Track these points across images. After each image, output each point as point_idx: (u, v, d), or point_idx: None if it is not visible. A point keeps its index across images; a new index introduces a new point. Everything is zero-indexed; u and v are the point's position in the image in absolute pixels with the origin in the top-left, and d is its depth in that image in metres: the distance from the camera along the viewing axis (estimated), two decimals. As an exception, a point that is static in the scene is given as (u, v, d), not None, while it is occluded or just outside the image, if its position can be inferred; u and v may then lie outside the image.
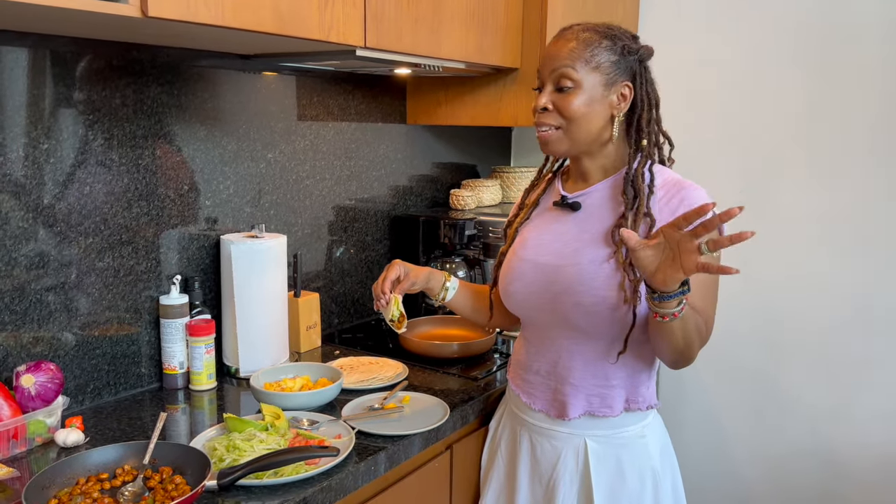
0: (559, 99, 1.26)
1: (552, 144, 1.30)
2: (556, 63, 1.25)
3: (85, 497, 1.09)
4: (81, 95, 1.42)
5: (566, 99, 1.25)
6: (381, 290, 1.41)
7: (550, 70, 1.26)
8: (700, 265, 1.01)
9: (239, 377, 1.65)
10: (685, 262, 1.03)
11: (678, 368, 1.26)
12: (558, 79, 1.25)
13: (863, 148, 2.04)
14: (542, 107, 1.27)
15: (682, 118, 2.26)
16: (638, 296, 1.22)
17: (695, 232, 1.00)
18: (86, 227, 1.45)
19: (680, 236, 1.02)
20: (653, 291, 1.10)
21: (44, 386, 1.30)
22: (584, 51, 1.25)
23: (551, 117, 1.27)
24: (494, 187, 2.38)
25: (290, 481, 1.16)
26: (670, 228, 1.03)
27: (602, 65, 1.25)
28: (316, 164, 1.95)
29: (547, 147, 1.31)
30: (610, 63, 1.25)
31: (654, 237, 1.06)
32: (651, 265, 1.06)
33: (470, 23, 1.79)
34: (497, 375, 1.68)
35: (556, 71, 1.25)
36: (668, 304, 1.10)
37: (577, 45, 1.25)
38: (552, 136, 1.28)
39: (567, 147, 1.29)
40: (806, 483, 2.21)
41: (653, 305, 1.12)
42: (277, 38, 1.36)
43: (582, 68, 1.24)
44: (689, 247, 1.01)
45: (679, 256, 1.03)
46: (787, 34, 2.10)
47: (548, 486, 1.37)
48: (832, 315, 2.13)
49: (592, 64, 1.24)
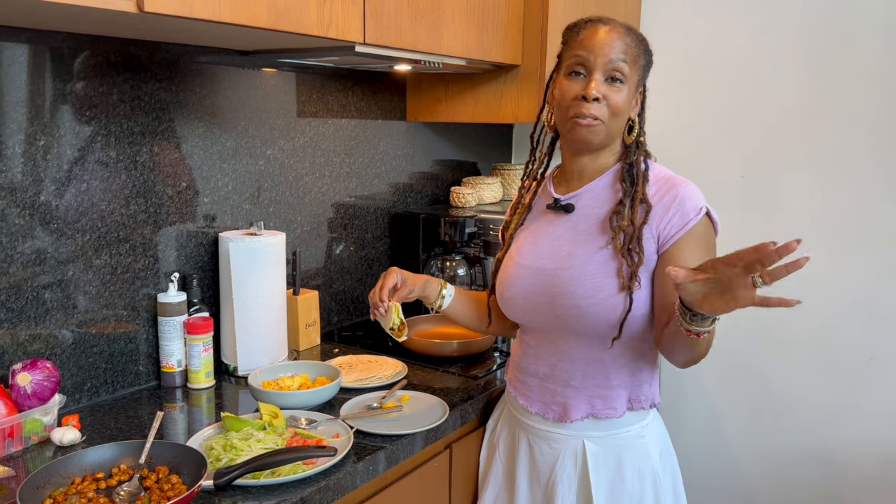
0: (610, 91, 1.23)
1: (594, 135, 1.25)
2: (614, 53, 1.22)
3: (80, 497, 1.08)
4: (78, 91, 1.41)
5: (617, 92, 1.24)
6: (379, 297, 1.38)
7: (606, 59, 1.22)
8: (759, 300, 0.96)
9: (237, 375, 1.65)
10: (740, 297, 0.97)
11: (688, 366, 1.24)
12: (612, 70, 1.23)
13: (864, 145, 2.03)
14: (594, 96, 1.22)
15: (683, 114, 2.25)
16: (636, 280, 1.22)
17: (750, 268, 0.94)
18: (83, 224, 1.44)
19: (732, 273, 0.96)
20: (692, 314, 1.05)
21: (40, 384, 1.29)
22: (636, 48, 1.25)
23: (600, 109, 1.23)
24: (495, 185, 2.37)
25: (288, 481, 1.15)
26: (723, 266, 0.97)
27: (641, 66, 1.27)
28: (315, 161, 1.94)
29: (588, 138, 1.26)
30: (643, 66, 1.28)
31: (703, 270, 1.00)
32: (698, 296, 1.01)
33: (470, 19, 1.77)
34: (497, 374, 1.67)
35: (612, 62, 1.22)
36: (703, 323, 1.06)
37: (632, 42, 1.24)
38: (598, 129, 1.25)
39: (601, 140, 1.27)
40: (807, 483, 2.21)
41: (686, 324, 1.08)
42: (276, 34, 1.35)
43: (632, 65, 1.24)
44: (744, 282, 0.95)
45: (731, 291, 0.97)
46: (789, 30, 2.09)
47: (546, 487, 1.36)
48: (833, 314, 2.11)
49: (638, 63, 1.25)
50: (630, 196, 1.25)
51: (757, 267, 0.93)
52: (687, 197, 1.23)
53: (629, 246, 1.22)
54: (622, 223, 1.24)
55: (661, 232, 1.23)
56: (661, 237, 1.24)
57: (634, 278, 1.22)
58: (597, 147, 1.29)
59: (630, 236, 1.23)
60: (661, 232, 1.23)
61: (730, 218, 2.04)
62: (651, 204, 1.24)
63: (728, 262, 0.96)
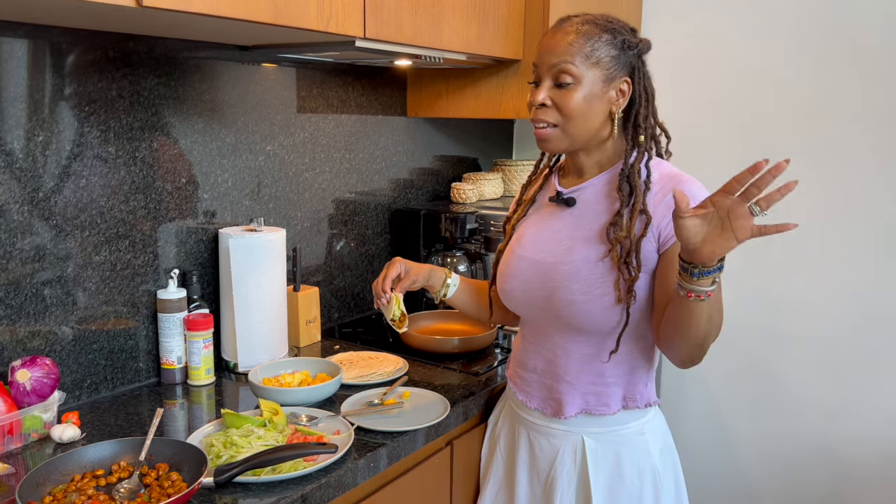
0: (558, 95, 1.22)
1: (550, 142, 1.26)
2: (555, 57, 1.21)
3: (80, 494, 1.08)
4: (77, 87, 1.40)
5: (566, 95, 1.22)
6: (382, 288, 1.39)
7: (549, 65, 1.22)
8: (757, 229, 0.97)
9: (237, 372, 1.64)
10: (738, 228, 0.98)
11: (689, 366, 1.22)
12: (557, 74, 1.22)
13: (864, 142, 2.02)
14: (539, 102, 1.23)
15: (684, 111, 2.24)
16: (632, 295, 1.20)
17: (746, 194, 0.96)
18: (82, 220, 1.44)
19: (731, 202, 0.97)
20: (692, 267, 1.05)
21: (39, 381, 1.28)
22: (584, 45, 1.21)
23: (549, 114, 1.24)
24: (496, 180, 2.36)
25: (289, 478, 1.15)
26: (720, 195, 0.98)
27: (602, 60, 1.21)
28: (315, 157, 1.93)
29: (545, 144, 1.27)
30: (610, 58, 1.22)
31: (702, 206, 1.00)
32: (697, 236, 1.00)
33: (471, 13, 1.76)
34: (498, 370, 1.67)
35: (555, 66, 1.22)
36: (704, 280, 1.05)
37: (576, 39, 1.21)
38: (551, 134, 1.25)
39: (566, 144, 1.27)
40: (809, 480, 2.20)
41: (687, 283, 1.06)
42: (275, 29, 1.34)
43: (582, 63, 1.20)
44: (742, 212, 0.97)
45: (730, 223, 0.98)
46: (788, 28, 2.08)
47: (546, 483, 1.36)
48: (836, 311, 2.11)
49: (593, 59, 1.21)
50: (628, 206, 1.22)
51: (753, 191, 0.96)
52: (691, 195, 1.22)
53: (626, 259, 1.20)
54: (619, 235, 1.21)
55: (661, 230, 1.22)
56: (661, 236, 1.22)
57: (630, 293, 1.20)
58: (564, 150, 1.29)
59: (627, 249, 1.21)
60: (663, 231, 1.21)
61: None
62: (651, 216, 1.21)
63: (725, 190, 0.98)
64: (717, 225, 1.00)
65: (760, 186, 0.95)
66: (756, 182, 0.95)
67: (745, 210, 0.97)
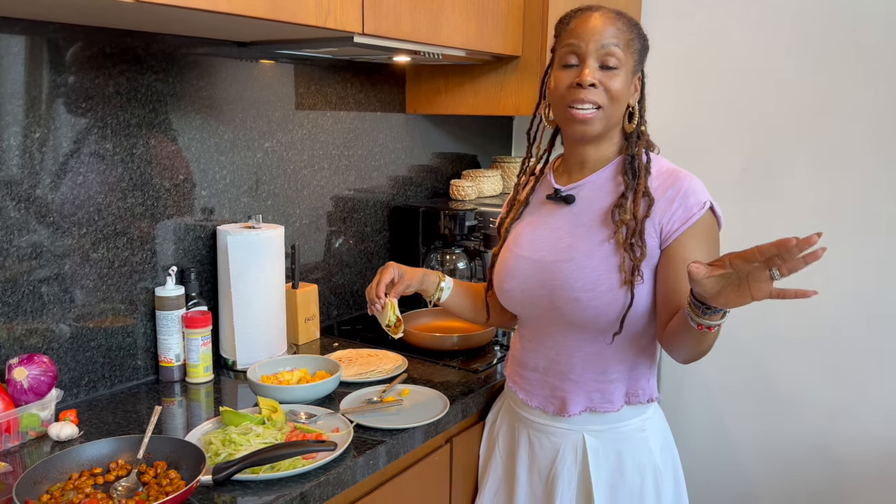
0: (605, 77, 1.22)
1: (593, 124, 1.23)
2: (605, 38, 1.21)
3: (77, 492, 1.07)
4: (74, 83, 1.39)
5: (613, 77, 1.22)
6: (376, 293, 1.38)
7: (598, 45, 1.21)
8: (776, 292, 0.95)
9: (236, 370, 1.63)
10: (756, 290, 0.95)
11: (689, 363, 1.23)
12: (605, 55, 1.21)
13: (866, 138, 2.01)
14: (590, 82, 1.20)
15: (684, 108, 2.24)
16: (637, 275, 1.20)
17: (769, 262, 0.93)
18: (79, 217, 1.43)
19: (751, 268, 0.95)
20: (705, 307, 1.04)
21: (36, 379, 1.28)
22: (628, 32, 1.23)
23: (598, 95, 1.22)
24: (495, 178, 2.35)
25: (287, 476, 1.14)
26: (741, 261, 0.95)
27: (636, 51, 1.24)
28: (314, 154, 1.93)
29: (586, 128, 1.24)
30: (638, 50, 1.25)
31: (720, 265, 0.98)
32: (713, 290, 0.99)
33: (470, 9, 1.76)
34: (498, 368, 1.66)
35: (604, 47, 1.21)
36: (714, 317, 1.05)
37: (623, 26, 1.23)
38: (596, 116, 1.23)
39: (602, 128, 1.25)
40: (808, 478, 2.20)
41: (696, 317, 1.06)
42: (273, 25, 1.33)
43: (625, 49, 1.22)
44: (762, 276, 0.94)
45: (748, 285, 0.96)
46: (789, 24, 2.07)
47: (546, 481, 1.36)
48: (835, 308, 2.10)
49: (631, 48, 1.23)
50: (632, 189, 1.23)
51: (776, 261, 0.92)
52: (691, 191, 1.22)
53: (632, 240, 1.21)
54: (624, 217, 1.22)
55: (663, 226, 1.22)
56: (663, 232, 1.22)
57: (637, 272, 1.20)
58: (598, 135, 1.27)
59: (632, 230, 1.21)
60: (664, 226, 1.22)
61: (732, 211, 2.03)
62: (653, 197, 1.22)
63: (747, 258, 0.94)
64: (734, 284, 0.97)
65: (785, 258, 0.91)
66: (783, 255, 0.91)
67: (765, 275, 0.94)
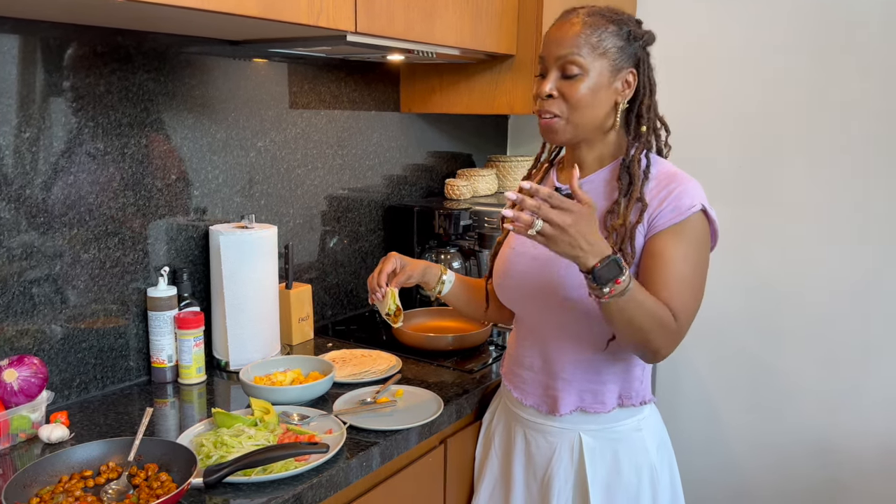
0: (565, 86, 1.22)
1: (556, 132, 1.25)
2: (562, 49, 1.21)
3: (67, 495, 1.06)
4: (65, 83, 1.38)
5: (573, 86, 1.21)
6: (377, 283, 1.38)
7: (556, 56, 1.22)
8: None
9: (229, 370, 1.62)
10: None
11: (649, 362, 1.25)
12: (564, 65, 1.21)
13: (862, 136, 2.01)
14: (546, 93, 1.23)
15: (680, 106, 2.23)
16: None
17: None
18: (70, 217, 1.42)
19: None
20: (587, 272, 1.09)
21: (27, 381, 1.27)
22: (590, 36, 1.21)
23: (556, 105, 1.23)
24: (490, 177, 2.34)
25: (280, 478, 1.13)
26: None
27: (609, 51, 1.21)
28: (308, 153, 1.92)
29: (550, 135, 1.27)
30: (616, 49, 1.22)
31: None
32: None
33: (464, 7, 1.75)
34: (493, 368, 1.66)
35: (562, 57, 1.21)
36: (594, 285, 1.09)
37: (583, 30, 1.21)
38: (557, 125, 1.24)
39: (570, 135, 1.26)
40: (805, 474, 2.20)
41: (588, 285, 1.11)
42: (265, 23, 1.32)
43: (589, 54, 1.20)
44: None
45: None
46: (787, 21, 2.07)
47: (543, 480, 1.35)
48: (831, 303, 2.11)
49: (599, 50, 1.21)
50: (626, 195, 1.23)
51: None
52: (685, 193, 1.21)
53: (621, 246, 1.21)
54: (615, 223, 1.22)
55: (651, 223, 1.22)
56: (650, 229, 1.22)
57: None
58: (569, 141, 1.28)
59: (622, 237, 1.21)
60: (652, 223, 1.21)
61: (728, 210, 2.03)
62: (647, 203, 1.21)
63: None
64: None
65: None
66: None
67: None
